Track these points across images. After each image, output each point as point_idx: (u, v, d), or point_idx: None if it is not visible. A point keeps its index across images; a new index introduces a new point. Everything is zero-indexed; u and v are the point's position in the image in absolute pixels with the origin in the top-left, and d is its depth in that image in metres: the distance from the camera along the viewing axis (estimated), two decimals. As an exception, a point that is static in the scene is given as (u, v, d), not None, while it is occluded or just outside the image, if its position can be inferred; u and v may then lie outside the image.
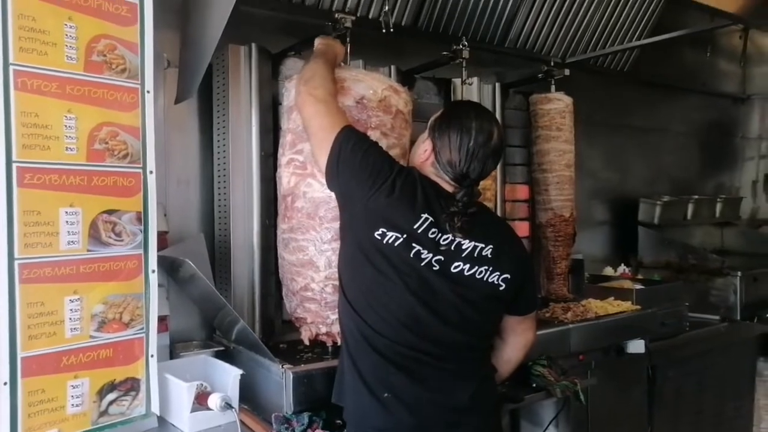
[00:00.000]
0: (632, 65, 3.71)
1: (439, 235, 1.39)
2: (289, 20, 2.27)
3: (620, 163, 3.83)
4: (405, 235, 1.37)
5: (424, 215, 1.38)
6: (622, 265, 3.48)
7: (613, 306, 2.62)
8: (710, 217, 4.08)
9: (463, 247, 1.41)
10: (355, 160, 1.42)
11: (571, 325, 2.25)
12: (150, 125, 1.59)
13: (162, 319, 1.82)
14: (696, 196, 4.00)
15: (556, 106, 2.76)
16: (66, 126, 1.44)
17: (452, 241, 1.40)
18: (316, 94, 1.54)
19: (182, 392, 1.59)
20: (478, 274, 1.42)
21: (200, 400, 1.61)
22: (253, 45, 1.98)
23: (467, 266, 1.41)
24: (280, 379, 1.62)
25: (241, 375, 1.69)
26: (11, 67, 1.36)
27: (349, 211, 1.47)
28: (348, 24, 1.87)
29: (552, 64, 2.76)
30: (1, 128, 1.34)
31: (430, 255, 1.38)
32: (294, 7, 2.31)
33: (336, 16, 1.88)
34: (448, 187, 1.47)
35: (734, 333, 3.11)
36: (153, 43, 1.61)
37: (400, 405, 1.37)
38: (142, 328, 1.57)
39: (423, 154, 1.53)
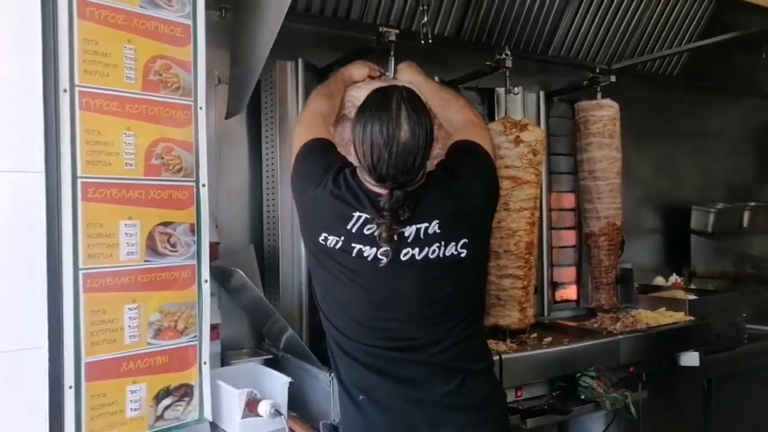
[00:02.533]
0: (682, 69, 3.61)
1: (377, 229, 1.29)
2: (334, 35, 2.33)
3: (671, 170, 3.73)
4: (342, 237, 1.33)
5: (356, 213, 1.32)
6: (674, 274, 3.38)
7: (664, 316, 2.55)
8: (769, 224, 3.91)
9: (406, 234, 1.30)
10: (300, 169, 1.45)
11: (620, 336, 2.20)
12: (202, 140, 1.66)
13: (214, 328, 1.88)
14: (753, 203, 3.84)
15: (608, 113, 2.70)
16: (125, 143, 1.52)
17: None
18: (302, 114, 1.63)
19: (233, 399, 1.64)
20: (432, 254, 1.31)
21: (250, 407, 1.65)
22: (300, 60, 2.03)
23: (416, 250, 1.30)
24: (327, 387, 1.65)
25: (290, 383, 1.73)
26: (77, 89, 1.45)
27: (299, 218, 1.46)
28: (392, 38, 1.90)
29: (597, 70, 2.72)
30: (67, 146, 1.43)
31: (374, 249, 1.30)
32: (339, 21, 2.37)
33: (380, 30, 1.92)
34: (376, 188, 1.34)
35: (797, 346, 2.96)
36: (205, 62, 1.69)
37: (374, 405, 1.34)
38: (196, 336, 1.63)
39: (351, 154, 1.43)
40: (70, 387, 1.41)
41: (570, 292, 2.85)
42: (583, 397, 2.00)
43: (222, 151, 2.18)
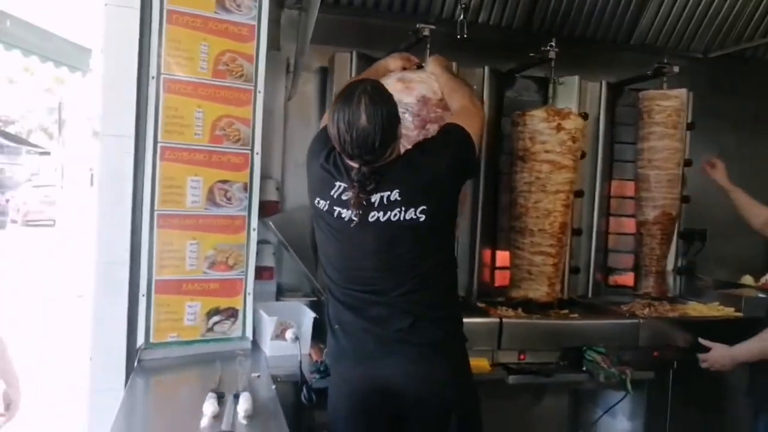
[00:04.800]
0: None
1: (350, 196, 1.59)
2: (388, 27, 2.63)
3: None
4: (328, 201, 1.64)
5: (338, 183, 1.63)
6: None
7: (712, 310, 2.52)
8: None
9: (372, 200, 1.58)
10: (312, 144, 1.77)
11: (640, 320, 2.27)
12: (259, 117, 2.09)
13: (267, 269, 2.33)
14: None
15: (673, 104, 2.70)
16: (196, 117, 1.99)
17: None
18: None
19: (267, 324, 2.07)
20: (393, 217, 1.56)
21: (283, 333, 2.07)
22: (354, 51, 2.38)
23: (381, 213, 1.57)
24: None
25: (317, 319, 2.12)
26: (162, 76, 1.94)
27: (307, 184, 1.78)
28: (426, 33, 2.17)
29: (665, 60, 2.69)
30: (152, 118, 1.92)
31: (349, 212, 1.59)
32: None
33: (417, 26, 2.19)
34: (353, 164, 1.60)
35: None
36: (266, 53, 2.09)
37: (344, 334, 1.67)
38: (243, 272, 2.08)
39: None
40: (143, 295, 1.92)
41: (626, 278, 2.89)
42: (585, 368, 2.14)
43: (294, 126, 2.60)
